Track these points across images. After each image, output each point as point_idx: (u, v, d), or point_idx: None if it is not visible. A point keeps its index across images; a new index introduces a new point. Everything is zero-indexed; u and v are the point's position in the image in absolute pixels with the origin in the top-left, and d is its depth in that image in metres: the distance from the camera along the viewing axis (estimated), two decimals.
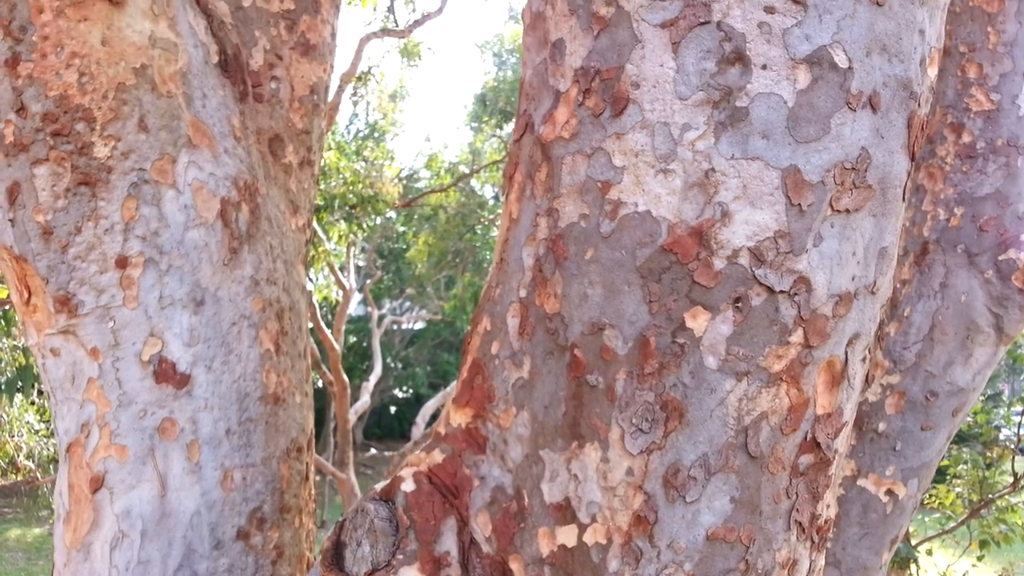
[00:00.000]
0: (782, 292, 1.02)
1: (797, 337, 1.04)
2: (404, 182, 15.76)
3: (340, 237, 9.16)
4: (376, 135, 19.33)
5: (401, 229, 18.97)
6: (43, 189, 1.71)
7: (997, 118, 1.90)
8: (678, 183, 1.03)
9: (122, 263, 1.76)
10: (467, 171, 15.57)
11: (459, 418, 1.26)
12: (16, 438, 10.21)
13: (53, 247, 1.74)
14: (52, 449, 10.13)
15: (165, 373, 1.80)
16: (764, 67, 1.00)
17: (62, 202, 1.72)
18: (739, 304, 1.03)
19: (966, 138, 1.90)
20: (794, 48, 0.99)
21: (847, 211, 1.03)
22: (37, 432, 10.29)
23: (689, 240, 1.03)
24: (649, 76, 1.04)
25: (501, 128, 15.31)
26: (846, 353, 1.08)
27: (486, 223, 15.45)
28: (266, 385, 1.94)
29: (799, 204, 1.00)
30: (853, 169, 1.02)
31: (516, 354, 1.19)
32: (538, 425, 1.14)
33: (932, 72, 1.09)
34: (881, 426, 1.90)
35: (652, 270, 1.05)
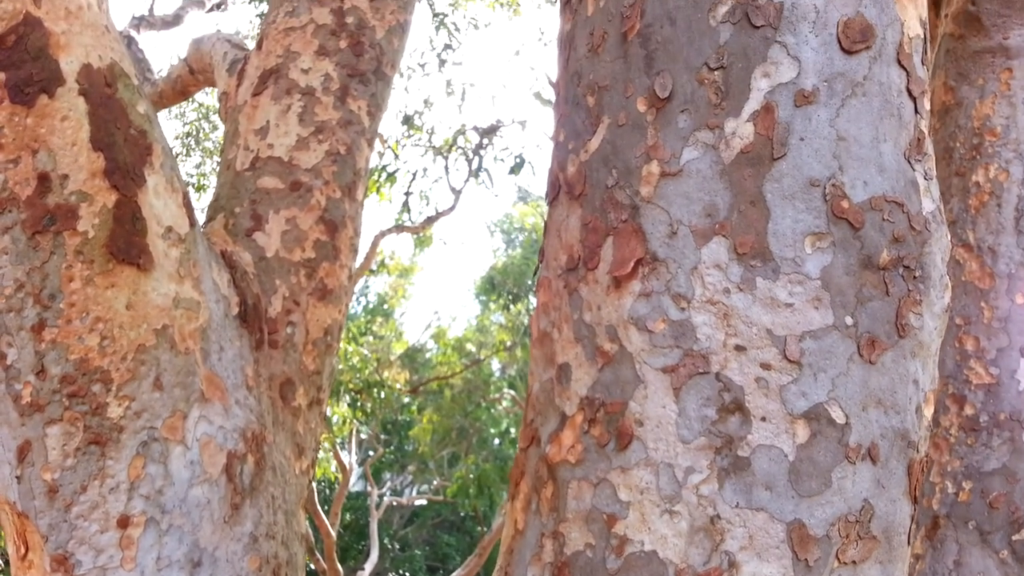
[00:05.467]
0: None
1: None
2: (410, 353, 15.87)
3: (344, 422, 9.11)
4: (385, 307, 19.66)
5: (406, 400, 18.88)
6: (53, 448, 1.72)
7: (998, 392, 1.94)
8: (684, 526, 1.04)
9: (124, 523, 1.75)
10: (473, 348, 15.70)
11: None
12: None
13: (57, 505, 1.73)
14: None
15: None
16: (763, 419, 1.03)
17: (71, 461, 1.73)
18: None
19: (968, 411, 1.93)
20: (791, 404, 1.03)
21: (853, 563, 1.03)
22: None
23: None
24: (652, 416, 1.08)
25: (508, 309, 15.61)
26: None
27: (491, 401, 15.40)
28: None
29: (805, 559, 1.00)
30: (857, 522, 1.03)
31: None
32: None
33: (928, 412, 1.12)
34: None
35: None
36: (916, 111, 1.14)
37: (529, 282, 16.68)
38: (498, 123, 9.04)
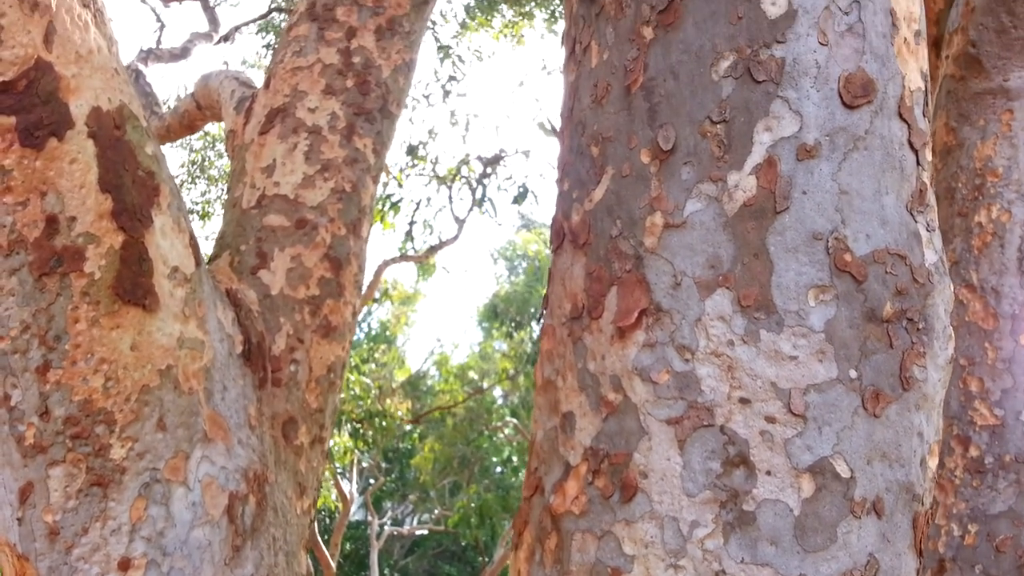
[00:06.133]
0: None
1: None
2: (412, 380, 15.82)
3: (345, 452, 9.06)
4: (387, 334, 19.63)
5: (407, 428, 18.79)
6: (55, 490, 1.72)
7: (1003, 433, 1.93)
8: None
9: (124, 565, 1.74)
10: (475, 375, 15.66)
11: None
12: None
13: (58, 548, 1.72)
14: None
15: None
16: (768, 473, 1.03)
17: (73, 503, 1.72)
18: None
19: (973, 452, 1.93)
20: (796, 457, 1.03)
21: None
22: None
23: None
24: (657, 468, 1.08)
25: (511, 337, 15.60)
26: None
27: (493, 429, 15.34)
28: None
29: None
30: None
31: None
32: None
33: (933, 463, 1.12)
34: None
35: None
36: (918, 163, 1.15)
37: (532, 310, 16.67)
38: (502, 153, 9.10)
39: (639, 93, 1.17)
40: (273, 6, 8.75)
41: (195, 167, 11.17)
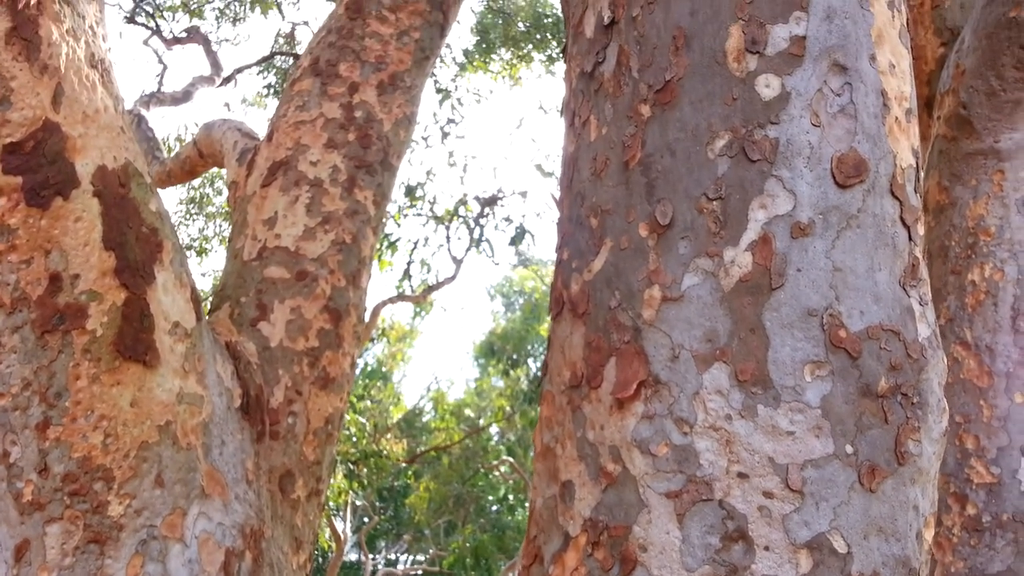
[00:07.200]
0: None
1: None
2: (408, 417, 15.74)
3: (339, 493, 8.99)
4: (384, 369, 19.56)
5: (403, 465, 18.63)
6: (52, 547, 1.71)
7: (999, 492, 1.94)
8: None
9: None
10: (471, 413, 15.60)
11: None
12: None
13: None
14: None
15: None
16: (767, 548, 1.04)
17: (69, 560, 1.72)
18: None
19: (971, 510, 1.93)
20: (794, 533, 1.04)
21: None
22: None
23: None
24: (656, 542, 1.08)
25: (507, 374, 15.57)
26: None
27: (489, 468, 15.23)
28: None
29: None
30: None
31: None
32: None
33: (929, 535, 1.13)
34: None
35: None
36: (910, 239, 1.18)
37: (529, 347, 16.65)
38: (499, 193, 9.18)
39: (637, 168, 1.20)
40: (275, 49, 8.88)
41: (193, 204, 11.22)
